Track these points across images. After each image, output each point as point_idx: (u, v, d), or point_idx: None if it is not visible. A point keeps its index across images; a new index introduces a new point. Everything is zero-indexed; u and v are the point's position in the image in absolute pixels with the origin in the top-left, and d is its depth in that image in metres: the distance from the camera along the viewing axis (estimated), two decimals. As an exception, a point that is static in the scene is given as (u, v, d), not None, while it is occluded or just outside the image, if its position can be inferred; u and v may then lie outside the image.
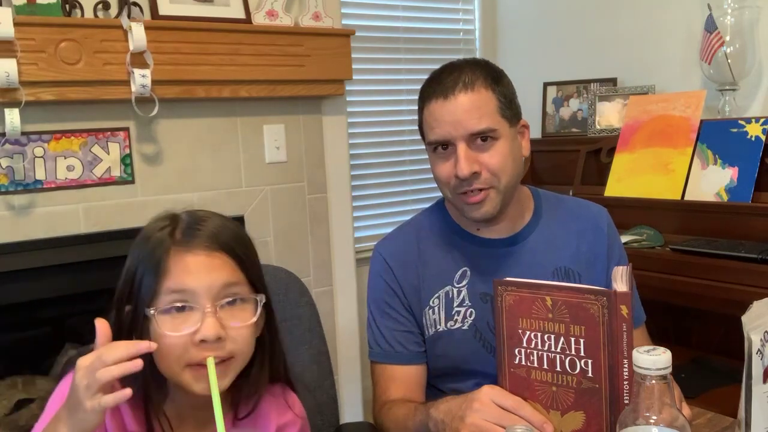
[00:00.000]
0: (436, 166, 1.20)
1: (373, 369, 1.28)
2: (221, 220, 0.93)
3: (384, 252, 1.29)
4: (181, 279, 0.85)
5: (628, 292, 0.89)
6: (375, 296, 1.29)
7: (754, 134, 1.98)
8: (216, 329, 0.84)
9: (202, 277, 0.85)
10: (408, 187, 2.96)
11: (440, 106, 1.15)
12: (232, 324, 0.86)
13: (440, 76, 1.18)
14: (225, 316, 0.86)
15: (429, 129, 1.18)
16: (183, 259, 0.86)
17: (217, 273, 0.86)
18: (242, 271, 0.89)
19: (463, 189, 1.16)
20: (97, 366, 0.76)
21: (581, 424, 0.93)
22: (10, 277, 1.77)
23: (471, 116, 1.13)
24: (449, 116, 1.14)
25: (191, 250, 0.87)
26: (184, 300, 0.85)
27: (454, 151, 1.15)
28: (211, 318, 0.84)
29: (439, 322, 1.23)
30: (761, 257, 1.75)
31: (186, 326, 0.84)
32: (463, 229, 1.27)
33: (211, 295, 0.85)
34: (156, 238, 0.89)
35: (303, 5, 2.18)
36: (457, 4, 3.09)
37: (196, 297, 0.85)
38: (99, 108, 1.90)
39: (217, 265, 0.87)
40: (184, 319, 0.85)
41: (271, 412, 0.99)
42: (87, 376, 0.76)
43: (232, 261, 0.88)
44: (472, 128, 1.13)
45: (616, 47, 2.60)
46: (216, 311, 0.85)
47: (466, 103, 1.14)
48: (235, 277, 0.88)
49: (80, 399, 0.76)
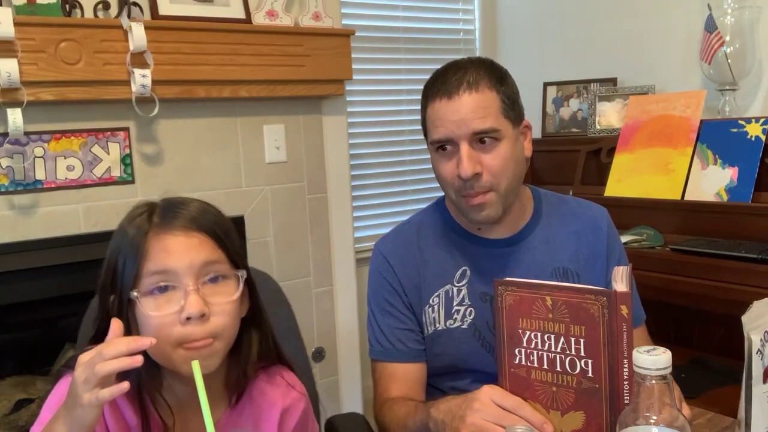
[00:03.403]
0: (439, 165, 1.20)
1: (373, 367, 1.28)
2: (198, 203, 0.94)
3: (384, 250, 1.30)
4: (161, 260, 0.87)
5: (628, 292, 0.89)
6: (375, 294, 1.29)
7: (754, 134, 1.98)
8: (200, 305, 0.85)
9: (182, 256, 0.87)
10: (408, 187, 2.96)
11: (444, 106, 1.15)
12: (216, 300, 0.87)
13: (444, 75, 1.18)
14: (208, 293, 0.87)
15: (432, 128, 1.18)
16: (162, 241, 0.88)
17: (197, 252, 0.88)
18: (222, 249, 0.90)
19: (466, 191, 1.16)
20: (96, 361, 0.76)
21: (581, 424, 0.93)
22: (10, 277, 1.77)
23: (475, 116, 1.13)
24: (453, 116, 1.14)
25: (170, 231, 0.88)
26: (166, 280, 0.86)
27: (457, 151, 1.15)
28: (194, 295, 0.85)
29: (439, 321, 1.23)
30: (761, 257, 1.75)
31: (170, 306, 0.86)
32: (463, 228, 1.27)
33: (192, 273, 0.86)
34: (134, 225, 0.90)
35: (303, 5, 2.18)
36: (457, 4, 3.09)
37: (177, 276, 0.86)
38: (99, 108, 1.90)
39: (196, 244, 0.88)
40: (167, 299, 0.86)
41: (275, 396, 1.00)
42: (86, 371, 0.77)
43: (211, 240, 0.90)
44: (476, 128, 1.13)
45: (616, 47, 2.60)
46: (198, 289, 0.86)
47: (470, 103, 1.13)
48: (215, 255, 0.89)
49: (78, 394, 0.77)
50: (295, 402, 1.02)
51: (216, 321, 0.87)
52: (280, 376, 1.03)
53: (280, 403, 1.00)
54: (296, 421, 1.02)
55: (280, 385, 1.02)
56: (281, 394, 1.01)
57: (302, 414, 1.03)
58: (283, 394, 1.01)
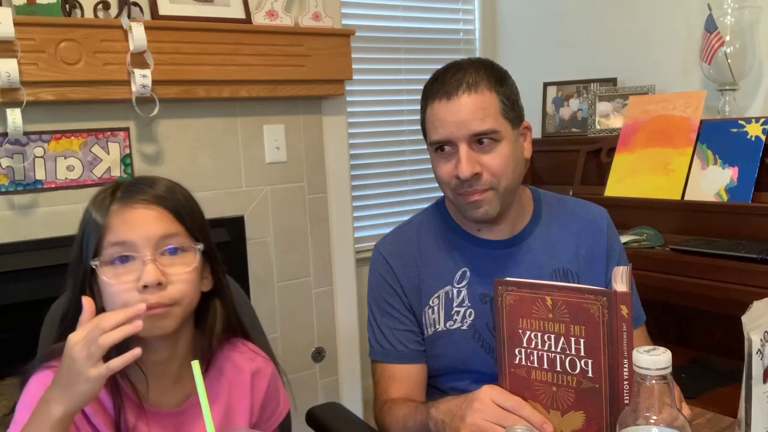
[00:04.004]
0: (438, 166, 1.20)
1: (373, 368, 1.28)
2: (166, 181, 0.99)
3: (384, 251, 1.29)
4: (121, 232, 0.91)
5: (628, 292, 0.89)
6: (375, 295, 1.29)
7: (754, 134, 1.98)
8: (156, 274, 0.89)
9: (141, 228, 0.91)
10: (408, 187, 2.97)
11: (443, 107, 1.15)
12: (173, 270, 0.92)
13: (444, 76, 1.17)
14: (166, 263, 0.92)
15: (431, 129, 1.18)
16: (122, 215, 0.92)
17: (155, 225, 0.92)
18: (180, 223, 0.95)
19: (464, 189, 1.16)
20: (95, 335, 0.81)
21: (581, 424, 0.93)
22: (10, 277, 1.77)
23: (474, 117, 1.13)
24: (452, 117, 1.14)
25: (130, 205, 0.93)
26: (125, 251, 0.91)
27: (456, 152, 1.15)
28: (151, 264, 0.90)
29: (438, 322, 1.23)
30: (761, 257, 1.75)
31: (129, 275, 0.90)
32: (463, 229, 1.27)
33: (150, 244, 0.91)
34: (98, 201, 0.95)
35: (303, 5, 2.18)
36: (457, 4, 3.09)
37: (136, 247, 0.91)
38: (99, 108, 1.90)
39: (154, 217, 0.93)
40: (127, 269, 0.91)
41: (242, 361, 1.05)
42: (87, 347, 0.80)
43: (170, 214, 0.94)
44: (475, 129, 1.13)
45: (616, 47, 2.60)
46: (155, 259, 0.91)
47: (469, 104, 1.13)
48: (174, 228, 0.94)
49: (80, 370, 0.80)
50: (262, 365, 1.07)
51: (173, 289, 0.91)
52: (244, 345, 1.08)
53: (248, 367, 1.05)
54: (267, 383, 1.07)
55: (246, 352, 1.06)
56: (248, 359, 1.06)
57: (272, 377, 1.08)
58: (249, 359, 1.06)
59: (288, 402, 1.13)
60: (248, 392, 1.04)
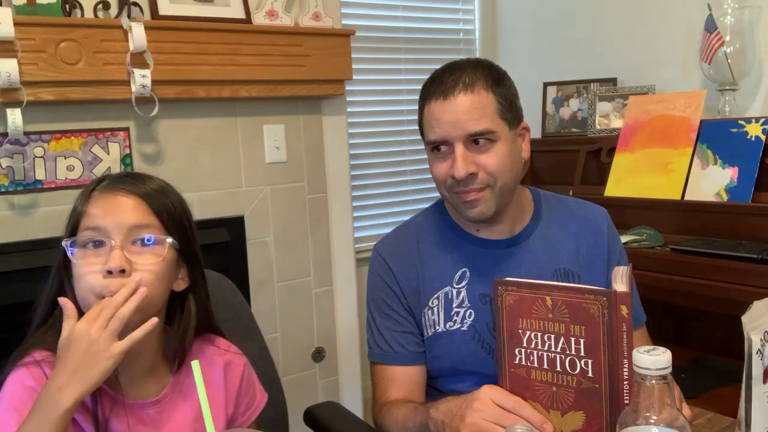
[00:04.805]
0: (434, 165, 1.20)
1: (372, 369, 1.28)
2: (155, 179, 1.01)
3: (383, 252, 1.29)
4: (96, 217, 0.94)
5: (628, 292, 0.89)
6: (374, 297, 1.29)
7: (754, 134, 1.98)
8: (120, 261, 0.91)
9: (115, 216, 0.94)
10: (408, 187, 2.97)
11: (440, 107, 1.15)
12: (141, 260, 0.93)
13: (441, 76, 1.18)
14: (134, 252, 0.93)
15: (428, 128, 1.18)
16: (101, 200, 0.95)
17: (129, 213, 0.94)
18: (156, 216, 0.96)
19: (459, 188, 1.16)
20: (110, 313, 0.87)
21: (581, 424, 0.93)
22: (10, 277, 1.77)
23: (470, 117, 1.13)
24: (448, 117, 1.14)
25: (109, 193, 0.96)
26: (98, 236, 0.93)
27: (452, 152, 1.15)
28: (117, 251, 0.91)
29: (438, 323, 1.23)
30: (761, 257, 1.75)
31: (98, 258, 0.92)
32: (462, 229, 1.27)
33: (121, 232, 0.93)
34: (85, 188, 0.99)
35: (303, 5, 2.18)
36: (457, 4, 3.09)
37: (108, 234, 0.93)
38: (99, 108, 1.90)
39: (129, 206, 0.95)
40: (96, 253, 0.93)
41: (214, 354, 1.07)
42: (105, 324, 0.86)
43: (145, 205, 0.96)
44: (471, 129, 1.13)
45: (616, 47, 2.60)
46: (124, 247, 0.92)
47: (466, 104, 1.13)
48: (146, 220, 0.95)
49: (102, 348, 0.85)
50: (234, 358, 1.09)
51: (137, 277, 0.92)
52: (214, 340, 1.09)
53: (220, 360, 1.07)
54: (240, 376, 1.08)
55: (219, 345, 1.09)
56: (219, 353, 1.08)
57: (245, 370, 1.10)
58: (221, 353, 1.08)
59: (265, 396, 1.15)
60: (222, 384, 1.05)
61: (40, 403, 0.85)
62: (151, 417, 0.99)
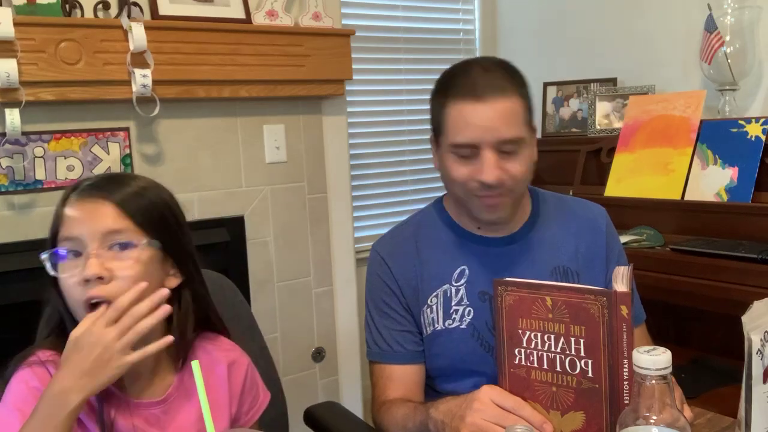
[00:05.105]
0: (454, 166, 1.16)
1: (371, 369, 1.28)
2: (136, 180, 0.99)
3: (382, 251, 1.29)
4: (71, 226, 0.94)
5: (628, 292, 0.89)
6: (373, 296, 1.28)
7: (754, 134, 1.98)
8: (95, 269, 0.90)
9: (87, 224, 0.93)
10: (408, 187, 2.96)
11: (472, 109, 1.11)
12: (118, 265, 0.92)
13: (468, 75, 1.14)
14: (111, 258, 0.92)
15: (454, 129, 1.13)
16: (74, 208, 0.95)
17: (101, 220, 0.93)
18: (130, 218, 0.94)
19: (483, 193, 1.14)
20: (128, 323, 0.87)
21: (581, 424, 0.93)
22: (10, 277, 1.77)
23: (503, 123, 1.10)
24: (480, 121, 1.10)
25: (82, 198, 0.95)
26: (75, 247, 0.93)
27: (478, 155, 1.12)
28: (93, 259, 0.91)
29: (437, 321, 1.23)
30: (761, 257, 1.75)
31: (76, 268, 0.92)
32: (461, 227, 1.27)
33: (95, 239, 0.92)
34: (62, 195, 0.98)
35: (303, 5, 2.18)
36: (457, 4, 3.09)
37: (83, 242, 0.92)
38: (99, 108, 1.90)
39: (101, 212, 0.94)
40: (75, 264, 0.92)
41: (218, 354, 1.07)
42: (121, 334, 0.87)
43: (117, 209, 0.94)
44: (504, 136, 1.10)
45: (616, 47, 2.60)
46: (99, 254, 0.91)
47: (500, 110, 1.10)
48: (120, 224, 0.94)
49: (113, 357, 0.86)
50: (238, 357, 1.09)
51: (114, 285, 0.91)
52: (221, 338, 1.10)
53: (224, 359, 1.07)
54: (243, 376, 1.08)
55: (223, 344, 1.09)
56: (224, 351, 1.08)
57: (248, 370, 1.10)
58: (225, 351, 1.08)
59: (268, 395, 1.15)
60: (225, 383, 1.05)
61: (45, 403, 0.85)
62: (156, 416, 0.99)
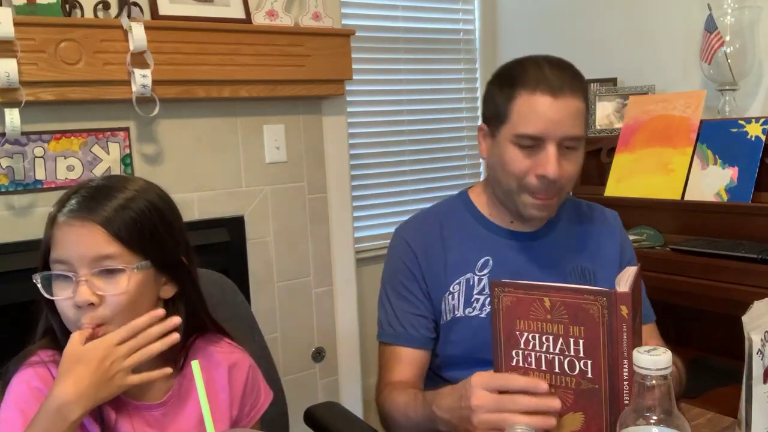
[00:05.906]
0: (515, 158, 1.17)
1: (381, 350, 1.29)
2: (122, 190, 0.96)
3: (407, 236, 1.30)
4: (61, 249, 0.93)
5: (628, 292, 0.89)
6: (392, 278, 1.30)
7: (754, 134, 1.98)
8: (85, 296, 0.90)
9: (76, 248, 0.92)
10: (408, 187, 2.96)
11: (547, 102, 1.13)
12: (108, 291, 0.92)
13: (540, 69, 1.17)
14: (101, 284, 0.92)
15: (523, 119, 1.15)
16: (63, 230, 0.93)
17: (89, 246, 0.92)
18: (117, 241, 0.93)
19: (537, 189, 1.16)
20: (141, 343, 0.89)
21: (581, 425, 0.93)
22: (10, 277, 1.77)
23: (572, 120, 1.13)
24: (553, 114, 1.13)
25: (69, 221, 0.93)
26: (65, 270, 0.92)
27: (540, 149, 1.14)
28: (83, 286, 0.91)
29: (458, 308, 1.25)
30: (761, 257, 1.75)
31: (68, 292, 0.92)
32: (489, 220, 1.29)
33: (84, 264, 0.91)
34: (51, 213, 0.96)
35: (303, 5, 2.18)
36: (457, 4, 3.09)
37: (73, 267, 0.92)
38: (99, 108, 1.90)
39: (88, 237, 0.92)
40: (67, 286, 0.92)
41: (219, 355, 1.07)
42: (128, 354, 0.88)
43: (104, 232, 0.92)
44: (570, 133, 1.14)
45: (616, 47, 2.60)
46: (88, 280, 0.91)
47: (572, 107, 1.14)
48: (109, 249, 0.92)
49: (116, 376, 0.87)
50: (239, 359, 1.09)
51: (104, 310, 0.92)
52: (222, 340, 1.09)
53: (225, 360, 1.07)
54: (245, 378, 1.08)
55: (223, 346, 1.09)
56: (225, 353, 1.08)
57: (249, 371, 1.09)
58: (226, 353, 1.08)
59: (270, 394, 1.15)
60: (226, 386, 1.05)
61: (46, 414, 0.85)
62: (156, 419, 0.99)
